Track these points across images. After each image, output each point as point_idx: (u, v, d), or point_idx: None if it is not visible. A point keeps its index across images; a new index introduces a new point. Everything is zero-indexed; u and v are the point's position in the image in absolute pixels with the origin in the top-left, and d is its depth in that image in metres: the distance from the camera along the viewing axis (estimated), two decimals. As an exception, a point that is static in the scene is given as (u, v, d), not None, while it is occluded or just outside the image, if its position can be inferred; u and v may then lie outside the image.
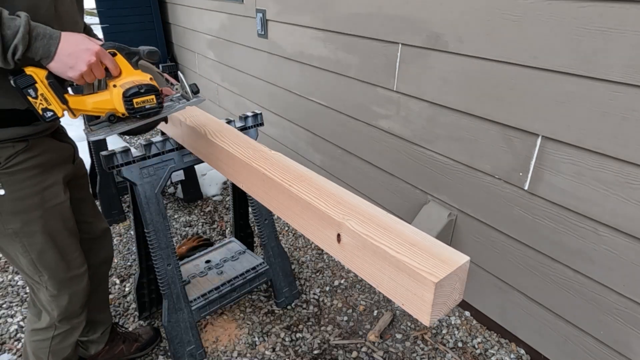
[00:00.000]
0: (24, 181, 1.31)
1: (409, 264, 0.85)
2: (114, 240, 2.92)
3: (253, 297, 2.44)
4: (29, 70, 1.15)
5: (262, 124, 2.04)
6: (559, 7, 1.51)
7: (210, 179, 3.62)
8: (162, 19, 5.30)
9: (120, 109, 1.29)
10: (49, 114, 1.20)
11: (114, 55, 1.26)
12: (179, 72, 1.48)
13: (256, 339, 2.17)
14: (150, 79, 1.32)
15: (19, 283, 2.56)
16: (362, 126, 2.58)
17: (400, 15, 2.10)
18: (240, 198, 2.40)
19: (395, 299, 0.91)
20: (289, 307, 2.38)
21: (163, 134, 1.86)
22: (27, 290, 2.49)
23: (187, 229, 3.11)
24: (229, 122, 1.86)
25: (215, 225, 3.14)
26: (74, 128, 3.22)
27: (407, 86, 2.18)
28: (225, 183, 3.65)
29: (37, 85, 1.16)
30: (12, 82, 1.14)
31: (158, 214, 1.79)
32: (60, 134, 1.47)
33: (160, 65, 4.93)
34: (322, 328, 2.24)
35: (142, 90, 1.26)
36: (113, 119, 1.34)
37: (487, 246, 2.05)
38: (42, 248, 1.42)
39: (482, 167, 1.94)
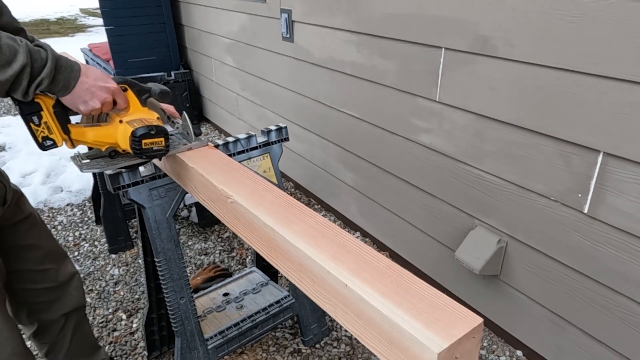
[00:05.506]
0: None
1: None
2: (120, 270, 3.01)
3: (277, 334, 2.47)
4: (38, 98, 1.22)
5: (287, 139, 2.07)
6: (623, 6, 1.52)
7: (227, 201, 3.68)
8: (174, 20, 5.38)
9: (124, 145, 1.36)
10: (49, 142, 1.28)
11: (124, 90, 1.35)
12: (184, 113, 1.56)
13: (280, 382, 2.21)
14: (158, 118, 1.40)
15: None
16: (400, 141, 2.62)
17: (443, 16, 2.14)
18: (262, 222, 2.44)
19: None
20: (317, 345, 2.40)
21: None
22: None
23: (202, 257, 3.15)
24: (249, 137, 1.92)
25: (234, 254, 3.17)
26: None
27: (451, 96, 2.22)
28: (244, 205, 3.69)
29: (42, 113, 1.24)
30: (17, 108, 1.22)
31: (170, 240, 1.82)
32: None
33: (172, 73, 5.06)
34: (355, 371, 2.27)
35: (152, 132, 1.32)
36: (114, 154, 1.42)
37: (541, 276, 2.07)
38: None
39: (535, 187, 1.97)
